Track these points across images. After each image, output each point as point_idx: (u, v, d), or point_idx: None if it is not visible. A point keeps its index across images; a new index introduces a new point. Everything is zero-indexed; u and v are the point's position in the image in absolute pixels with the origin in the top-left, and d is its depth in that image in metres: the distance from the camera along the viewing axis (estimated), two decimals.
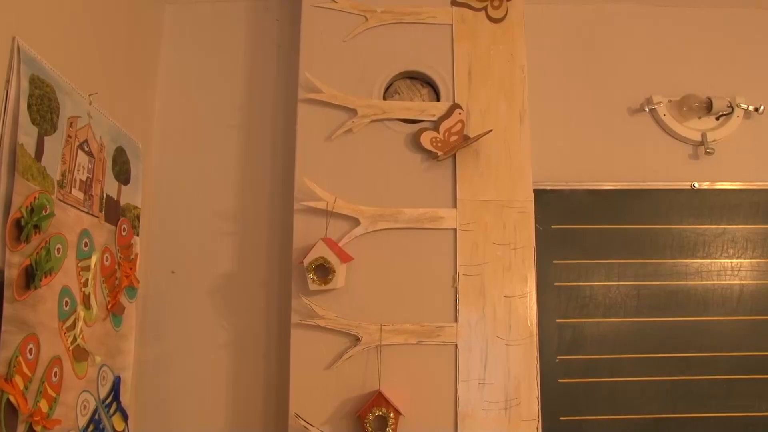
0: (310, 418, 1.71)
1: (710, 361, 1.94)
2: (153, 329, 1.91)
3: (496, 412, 1.73)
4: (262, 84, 2.06)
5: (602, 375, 1.90)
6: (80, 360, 1.50)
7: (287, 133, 2.00)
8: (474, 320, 1.77)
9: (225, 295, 1.92)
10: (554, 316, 1.92)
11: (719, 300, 1.98)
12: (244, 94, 2.06)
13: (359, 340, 1.73)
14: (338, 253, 1.70)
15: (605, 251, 1.98)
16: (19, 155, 1.25)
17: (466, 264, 1.79)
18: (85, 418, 1.54)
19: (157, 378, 1.88)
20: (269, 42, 2.10)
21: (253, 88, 2.06)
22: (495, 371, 1.74)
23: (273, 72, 2.08)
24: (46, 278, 1.34)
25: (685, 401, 1.91)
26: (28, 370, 1.27)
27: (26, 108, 1.28)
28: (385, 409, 1.66)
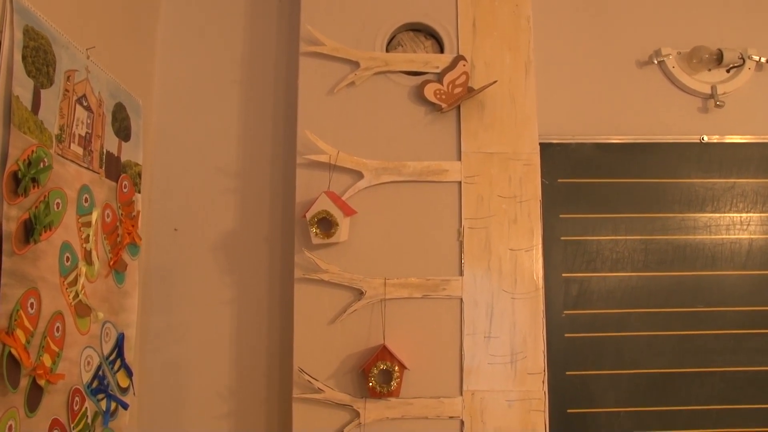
0: (314, 372, 1.70)
1: (718, 316, 1.92)
2: (156, 286, 1.90)
3: (501, 366, 1.72)
4: (262, 38, 2.03)
5: (609, 330, 1.89)
6: (83, 316, 1.49)
7: (289, 87, 1.97)
8: (479, 274, 1.75)
9: (228, 251, 1.91)
10: (560, 270, 1.90)
11: (728, 255, 1.96)
12: (245, 48, 2.02)
13: (363, 295, 1.72)
14: (341, 206, 1.68)
15: (612, 205, 1.95)
16: (15, 107, 1.23)
17: (471, 217, 1.77)
18: (89, 374, 1.53)
19: (161, 335, 1.88)
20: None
21: (253, 42, 2.02)
22: (501, 325, 1.74)
23: (274, 25, 2.04)
24: (45, 233, 1.32)
25: (692, 356, 1.90)
26: (30, 324, 1.26)
27: (21, 59, 1.26)
28: (390, 363, 1.66)
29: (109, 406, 1.62)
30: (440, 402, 1.71)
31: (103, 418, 1.59)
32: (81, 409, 1.48)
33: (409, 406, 1.70)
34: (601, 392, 1.87)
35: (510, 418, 1.72)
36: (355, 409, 1.69)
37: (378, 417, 1.69)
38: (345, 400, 1.69)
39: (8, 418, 1.20)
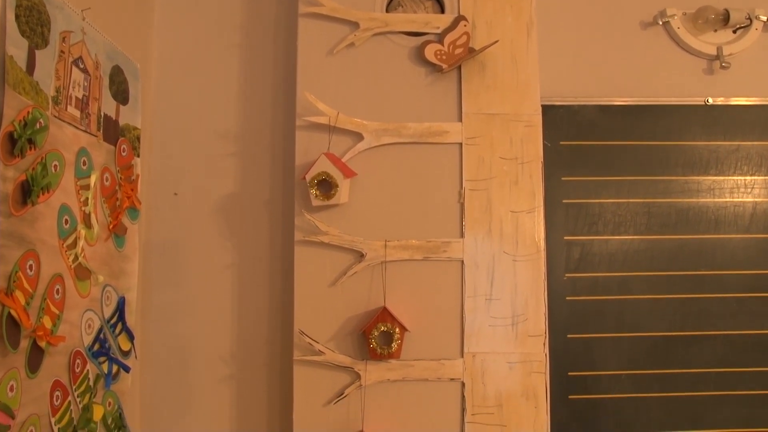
0: (314, 335, 1.71)
1: (720, 280, 1.91)
2: (156, 251, 1.89)
3: (502, 328, 1.72)
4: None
5: (610, 293, 1.89)
6: (83, 279, 1.49)
7: (288, 48, 1.94)
8: (480, 236, 1.75)
9: (228, 215, 1.90)
10: (562, 233, 1.89)
11: (731, 218, 1.94)
12: (244, 10, 1.99)
13: (364, 257, 1.72)
14: (341, 168, 1.67)
15: (615, 168, 1.94)
16: (9, 67, 1.21)
17: (472, 179, 1.76)
18: (90, 337, 1.53)
19: (162, 299, 1.88)
20: None
21: (252, 3, 1.99)
22: (502, 287, 1.73)
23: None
24: (43, 195, 1.32)
25: (693, 319, 1.90)
26: (29, 285, 1.26)
27: (14, 19, 1.24)
28: (390, 324, 1.66)
29: (111, 369, 1.62)
30: (441, 364, 1.71)
31: (105, 381, 1.60)
32: (83, 371, 1.49)
33: (410, 368, 1.71)
34: (602, 355, 1.87)
35: (511, 380, 1.72)
36: (356, 371, 1.69)
37: (379, 379, 1.70)
38: (346, 362, 1.70)
39: (9, 379, 1.20)
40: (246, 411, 1.85)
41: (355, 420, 1.70)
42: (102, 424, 1.58)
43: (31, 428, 1.27)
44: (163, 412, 1.85)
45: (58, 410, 1.37)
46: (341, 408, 1.70)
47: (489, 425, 1.71)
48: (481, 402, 1.71)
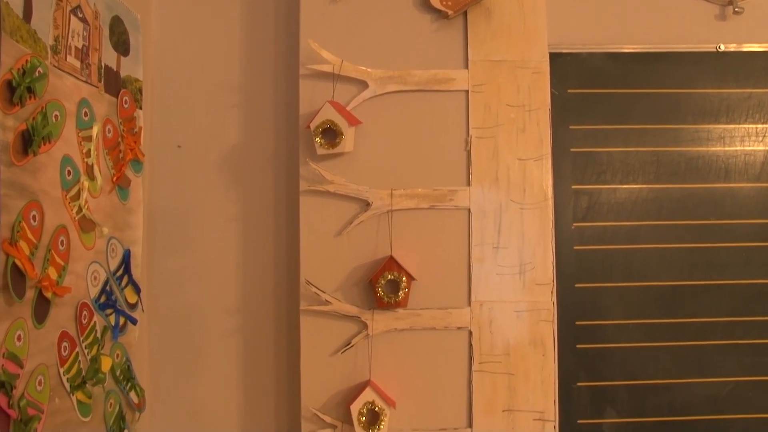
0: (321, 285, 1.71)
1: (729, 229, 1.89)
2: (161, 204, 1.88)
3: (510, 277, 1.72)
4: None
5: (619, 242, 1.87)
6: (87, 231, 1.48)
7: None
8: (487, 184, 1.73)
9: (233, 167, 1.88)
10: (570, 182, 1.87)
11: (742, 167, 1.91)
12: None
13: (370, 206, 1.71)
14: (346, 116, 1.65)
15: (624, 116, 1.90)
16: (5, 14, 1.19)
17: (479, 126, 1.74)
18: (96, 289, 1.53)
19: (167, 252, 1.87)
20: None
21: None
22: (509, 235, 1.72)
23: None
24: (44, 145, 1.30)
25: (702, 269, 1.89)
26: (33, 236, 1.26)
27: None
28: (397, 273, 1.65)
29: (118, 321, 1.63)
30: (448, 313, 1.71)
31: (113, 333, 1.60)
32: (90, 323, 1.49)
33: (417, 317, 1.71)
34: (609, 305, 1.87)
35: (518, 328, 1.72)
36: (363, 321, 1.70)
37: (386, 328, 1.70)
38: (353, 311, 1.70)
39: (16, 328, 1.20)
40: (253, 362, 1.86)
41: (363, 369, 1.71)
42: (110, 375, 1.59)
43: (40, 378, 1.27)
44: (171, 364, 1.86)
45: (66, 361, 1.38)
46: (348, 358, 1.71)
47: (496, 374, 1.71)
48: (488, 350, 1.72)
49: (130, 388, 1.69)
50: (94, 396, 1.49)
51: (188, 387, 1.86)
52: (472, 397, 1.72)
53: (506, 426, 1.72)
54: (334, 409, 1.71)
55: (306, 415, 1.71)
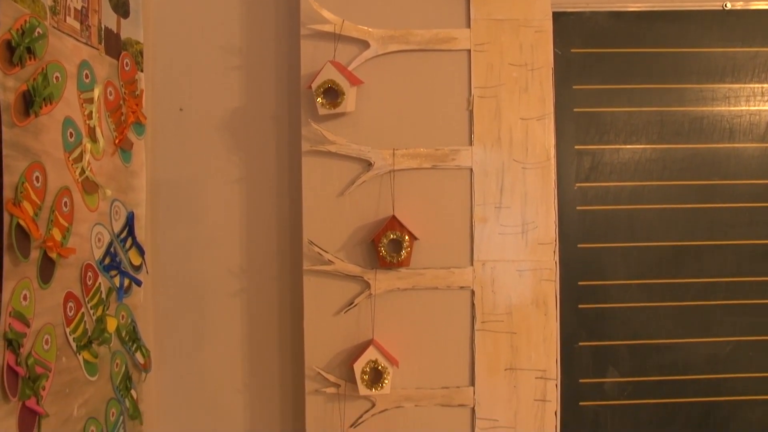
0: (324, 245, 1.71)
1: (733, 189, 1.89)
2: (163, 167, 1.88)
3: (512, 236, 1.72)
4: None
5: (621, 203, 1.87)
6: (90, 193, 1.49)
7: None
8: (489, 143, 1.72)
9: (235, 129, 1.87)
10: (573, 143, 1.86)
11: (746, 126, 1.90)
12: None
13: (372, 166, 1.71)
14: (347, 76, 1.64)
15: (628, 76, 1.89)
16: None
17: (481, 86, 1.73)
18: (100, 251, 1.54)
19: (171, 215, 1.88)
20: None
21: None
22: (511, 195, 1.72)
23: None
24: (46, 106, 1.30)
25: (705, 229, 1.88)
26: (36, 197, 1.26)
27: None
28: (400, 232, 1.65)
29: (123, 283, 1.64)
30: (451, 272, 1.72)
31: (117, 294, 1.62)
32: (95, 284, 1.50)
33: (420, 276, 1.71)
34: (612, 265, 1.87)
35: (521, 287, 1.73)
36: (366, 280, 1.70)
37: (389, 288, 1.71)
38: (355, 271, 1.71)
39: (22, 288, 1.21)
40: (257, 323, 1.87)
41: (366, 329, 1.72)
42: (116, 335, 1.60)
43: (47, 337, 1.29)
44: (176, 325, 1.87)
45: (72, 321, 1.39)
46: (351, 317, 1.72)
47: (499, 333, 1.73)
48: (491, 310, 1.73)
49: (136, 349, 1.70)
50: (100, 356, 1.51)
51: (193, 348, 1.87)
52: (474, 356, 1.73)
53: (508, 384, 1.73)
54: (338, 368, 1.73)
55: (310, 375, 1.72)
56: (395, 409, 1.73)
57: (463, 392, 1.73)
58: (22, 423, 1.20)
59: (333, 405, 1.72)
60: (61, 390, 1.34)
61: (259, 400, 1.88)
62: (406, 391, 1.73)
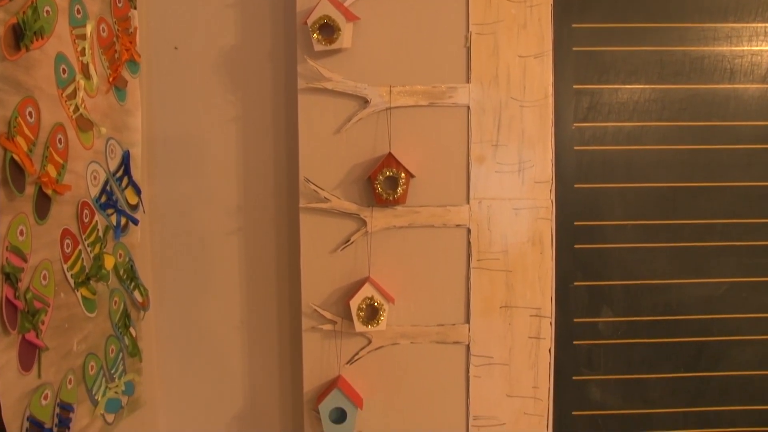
0: (320, 183, 1.71)
1: (733, 131, 1.87)
2: (159, 106, 1.86)
3: (509, 175, 1.72)
4: None
5: (620, 143, 1.86)
6: (85, 130, 1.48)
7: None
8: (487, 81, 1.71)
9: (230, 68, 1.85)
10: (571, 82, 1.84)
11: (747, 67, 1.88)
12: None
13: (368, 103, 1.69)
14: (343, 11, 1.62)
15: (628, 15, 1.85)
16: None
17: (479, 23, 1.70)
18: (96, 189, 1.54)
19: (167, 154, 1.87)
20: None
21: None
22: (508, 133, 1.71)
23: None
24: (37, 41, 1.28)
25: (703, 170, 1.88)
26: (30, 132, 1.25)
27: None
28: (396, 170, 1.65)
29: (119, 221, 1.64)
30: (447, 210, 1.72)
31: (114, 233, 1.62)
32: (91, 222, 1.50)
33: (416, 214, 1.72)
34: (608, 205, 1.87)
35: (516, 225, 1.73)
36: (362, 218, 1.71)
37: (385, 225, 1.71)
38: (351, 209, 1.71)
39: (18, 223, 1.21)
40: (254, 261, 1.88)
41: (362, 266, 1.73)
42: (114, 274, 1.61)
43: (44, 272, 1.29)
44: (173, 264, 1.89)
45: (69, 257, 1.40)
46: (348, 255, 1.73)
47: (494, 271, 1.74)
48: (486, 248, 1.73)
49: (134, 287, 1.71)
50: (98, 293, 1.52)
51: (191, 286, 1.89)
52: (469, 294, 1.75)
53: (503, 322, 1.75)
54: (334, 306, 1.74)
55: (306, 312, 1.74)
56: (391, 346, 1.75)
57: (458, 329, 1.75)
58: (23, 355, 1.22)
59: (329, 342, 1.74)
60: (60, 325, 1.35)
61: (257, 338, 1.90)
62: (401, 328, 1.75)
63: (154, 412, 1.89)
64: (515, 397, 1.77)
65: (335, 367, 1.75)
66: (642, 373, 1.93)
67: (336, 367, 1.75)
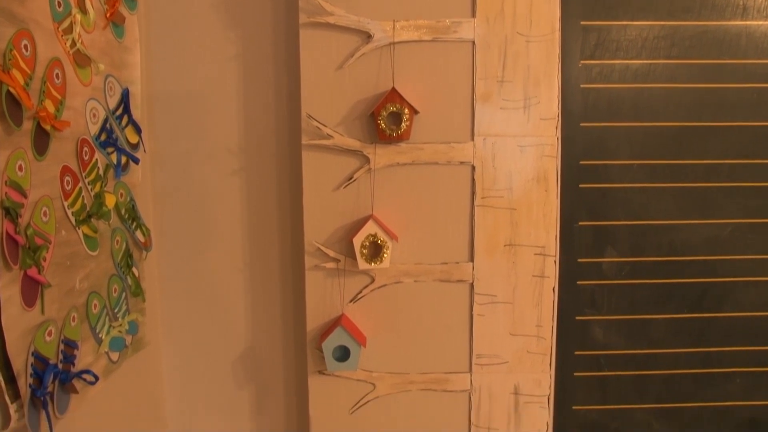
0: (322, 119, 1.68)
1: (743, 69, 1.84)
2: (158, 43, 1.83)
3: (514, 111, 1.69)
4: None
5: (627, 81, 1.82)
6: (83, 66, 1.45)
7: None
8: (492, 15, 1.66)
9: (229, 4, 1.81)
10: (579, 17, 1.80)
11: (761, 3, 1.84)
12: None
13: (371, 38, 1.65)
14: None
15: None
16: None
17: None
18: (96, 126, 1.52)
19: (166, 92, 1.84)
20: None
21: None
22: (514, 69, 1.68)
23: None
24: None
25: (712, 110, 1.85)
26: (26, 66, 1.22)
27: None
28: (399, 105, 1.62)
29: (120, 160, 1.62)
30: (451, 147, 1.70)
31: (115, 171, 1.60)
32: (91, 160, 1.48)
33: (420, 151, 1.69)
34: (614, 145, 1.85)
35: (522, 163, 1.71)
36: (365, 155, 1.69)
37: (388, 162, 1.69)
38: (354, 145, 1.69)
39: (17, 158, 1.19)
40: (257, 200, 1.87)
41: (365, 204, 1.72)
42: (115, 213, 1.60)
43: (45, 209, 1.28)
44: (175, 204, 1.88)
45: (69, 195, 1.38)
46: (351, 192, 1.72)
47: (499, 209, 1.72)
48: (491, 185, 1.71)
49: (136, 227, 1.71)
50: (100, 231, 1.51)
51: (193, 227, 1.88)
52: (473, 232, 1.74)
53: (507, 260, 1.74)
54: (337, 244, 1.73)
55: (309, 250, 1.73)
56: (394, 285, 1.75)
57: (462, 268, 1.75)
58: (26, 291, 1.21)
59: (333, 281, 1.74)
60: (62, 262, 1.35)
61: (260, 278, 1.90)
62: (405, 266, 1.74)
63: (158, 352, 1.90)
64: (518, 335, 1.77)
65: (338, 305, 1.75)
66: (645, 314, 1.93)
67: (339, 306, 1.75)
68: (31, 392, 1.21)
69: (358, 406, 1.80)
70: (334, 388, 1.79)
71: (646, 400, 1.97)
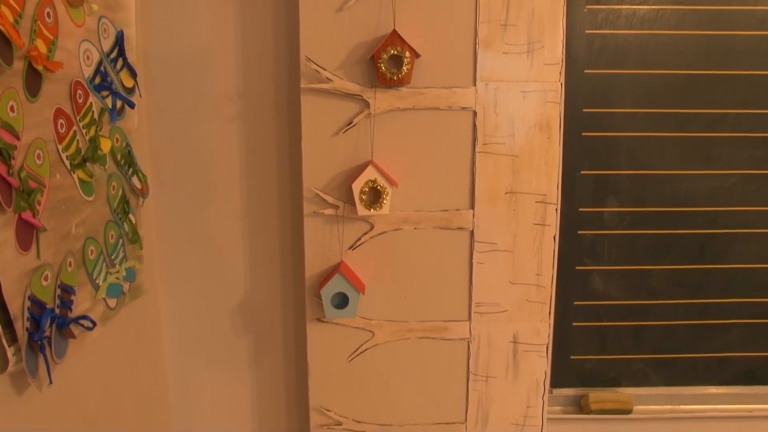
0: (322, 62, 1.65)
1: (752, 16, 1.81)
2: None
3: (517, 56, 1.65)
4: None
5: (633, 27, 1.79)
6: (75, 6, 1.41)
7: None
8: None
9: None
10: None
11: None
12: None
13: None
14: None
15: None
16: None
17: None
18: (90, 69, 1.48)
19: (162, 35, 1.80)
20: None
21: None
22: (518, 12, 1.63)
23: None
24: None
25: (719, 57, 1.83)
26: (15, 3, 1.18)
27: None
28: (400, 48, 1.58)
29: (115, 104, 1.59)
30: (452, 92, 1.66)
31: (110, 116, 1.57)
32: (85, 103, 1.45)
33: (421, 96, 1.66)
34: (619, 92, 1.82)
35: (524, 109, 1.68)
36: (365, 99, 1.65)
37: (388, 107, 1.66)
38: (354, 89, 1.65)
39: (8, 98, 1.16)
40: (255, 146, 1.85)
41: (365, 150, 1.69)
42: (111, 159, 1.57)
43: (38, 152, 1.26)
44: (172, 150, 1.85)
45: (64, 138, 1.36)
46: (350, 138, 1.68)
47: (500, 155, 1.70)
48: (492, 131, 1.69)
49: (132, 173, 1.68)
50: (95, 176, 1.48)
51: (191, 173, 1.86)
52: (474, 179, 1.71)
53: (508, 208, 1.73)
54: (336, 189, 1.71)
55: (308, 196, 1.71)
56: (394, 232, 1.73)
57: (462, 215, 1.73)
58: (20, 235, 1.20)
59: (331, 227, 1.73)
60: (58, 206, 1.33)
61: (258, 225, 1.89)
62: (404, 213, 1.73)
63: (156, 300, 1.90)
64: (518, 284, 1.76)
65: (337, 252, 1.74)
66: (645, 265, 1.92)
67: (338, 253, 1.74)
68: (29, 336, 1.20)
69: (357, 354, 1.80)
70: (332, 335, 1.79)
71: (644, 350, 1.98)
